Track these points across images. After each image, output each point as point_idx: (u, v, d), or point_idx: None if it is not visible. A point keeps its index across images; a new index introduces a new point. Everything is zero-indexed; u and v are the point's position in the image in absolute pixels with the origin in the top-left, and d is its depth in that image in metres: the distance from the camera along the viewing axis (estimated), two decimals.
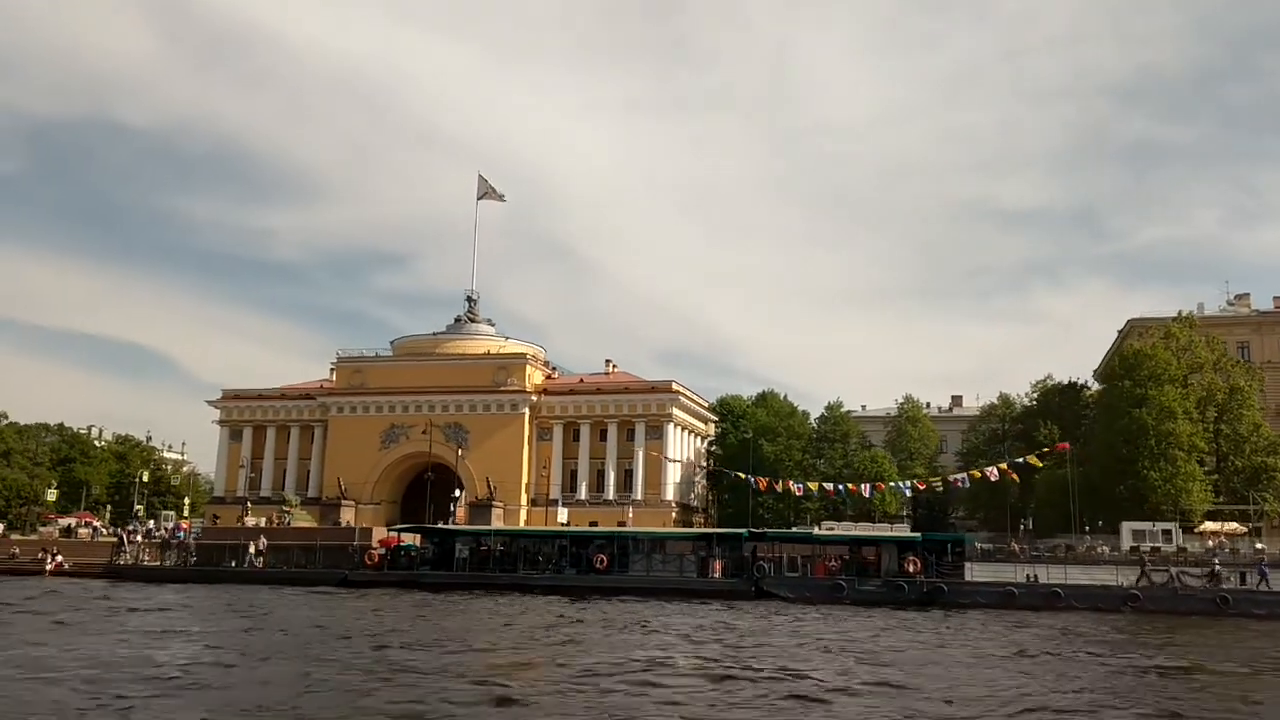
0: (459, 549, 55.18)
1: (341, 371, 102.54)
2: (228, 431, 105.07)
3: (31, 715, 16.89)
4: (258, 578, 54.68)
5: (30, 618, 34.31)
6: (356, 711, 17.87)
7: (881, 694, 20.58)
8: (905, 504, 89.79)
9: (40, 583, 52.56)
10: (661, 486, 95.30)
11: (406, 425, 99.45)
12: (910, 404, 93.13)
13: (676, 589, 48.88)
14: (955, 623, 37.30)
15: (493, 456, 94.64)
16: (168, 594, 45.98)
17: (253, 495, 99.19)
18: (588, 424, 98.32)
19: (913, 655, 27.17)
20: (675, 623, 35.01)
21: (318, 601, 43.33)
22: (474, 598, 45.63)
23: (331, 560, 56.48)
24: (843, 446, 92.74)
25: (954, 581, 46.25)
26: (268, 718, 17.36)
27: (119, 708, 17.68)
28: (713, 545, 51.56)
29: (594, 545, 53.71)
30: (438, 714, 17.64)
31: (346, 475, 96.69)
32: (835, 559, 49.14)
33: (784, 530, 54.68)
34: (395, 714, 17.73)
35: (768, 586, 47.83)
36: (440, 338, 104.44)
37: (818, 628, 34.36)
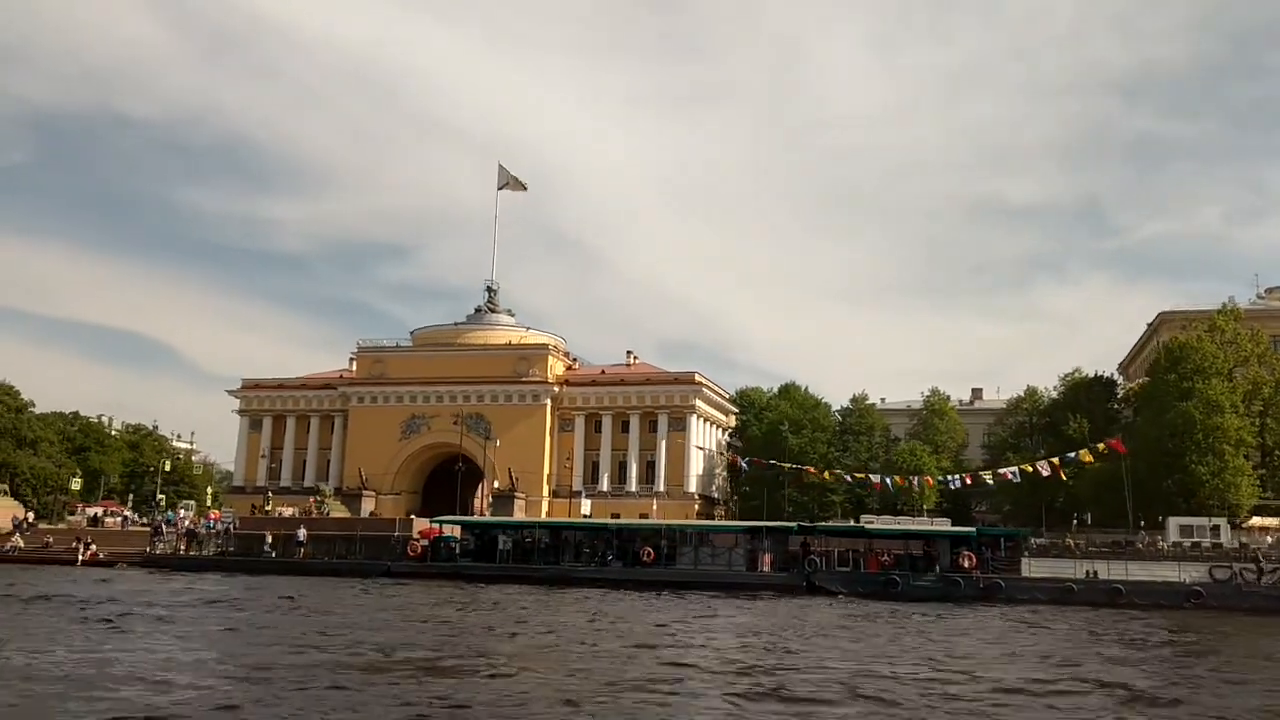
0: (502, 541, 54.71)
1: (362, 361, 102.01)
2: (247, 421, 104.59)
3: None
4: (300, 568, 54.21)
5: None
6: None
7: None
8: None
9: (86, 574, 51.94)
10: (684, 478, 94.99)
11: (427, 415, 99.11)
12: (936, 396, 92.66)
13: (725, 583, 48.46)
14: (1040, 619, 36.44)
15: (514, 447, 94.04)
16: (239, 585, 45.05)
17: (273, 485, 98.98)
18: (609, 415, 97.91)
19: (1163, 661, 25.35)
20: (759, 623, 33.14)
21: (403, 593, 42.57)
22: (533, 591, 44.97)
23: (372, 551, 56.03)
24: (868, 439, 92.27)
25: (1011, 577, 45.86)
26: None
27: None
28: (762, 538, 51.11)
29: (640, 538, 53.29)
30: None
31: (367, 465, 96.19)
32: (888, 554, 48.72)
33: (835, 524, 54.22)
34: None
35: (820, 581, 47.40)
36: (461, 328, 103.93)
37: (917, 626, 32.94)
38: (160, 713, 14.96)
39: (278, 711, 15.40)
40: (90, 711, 14.87)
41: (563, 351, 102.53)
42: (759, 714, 16.18)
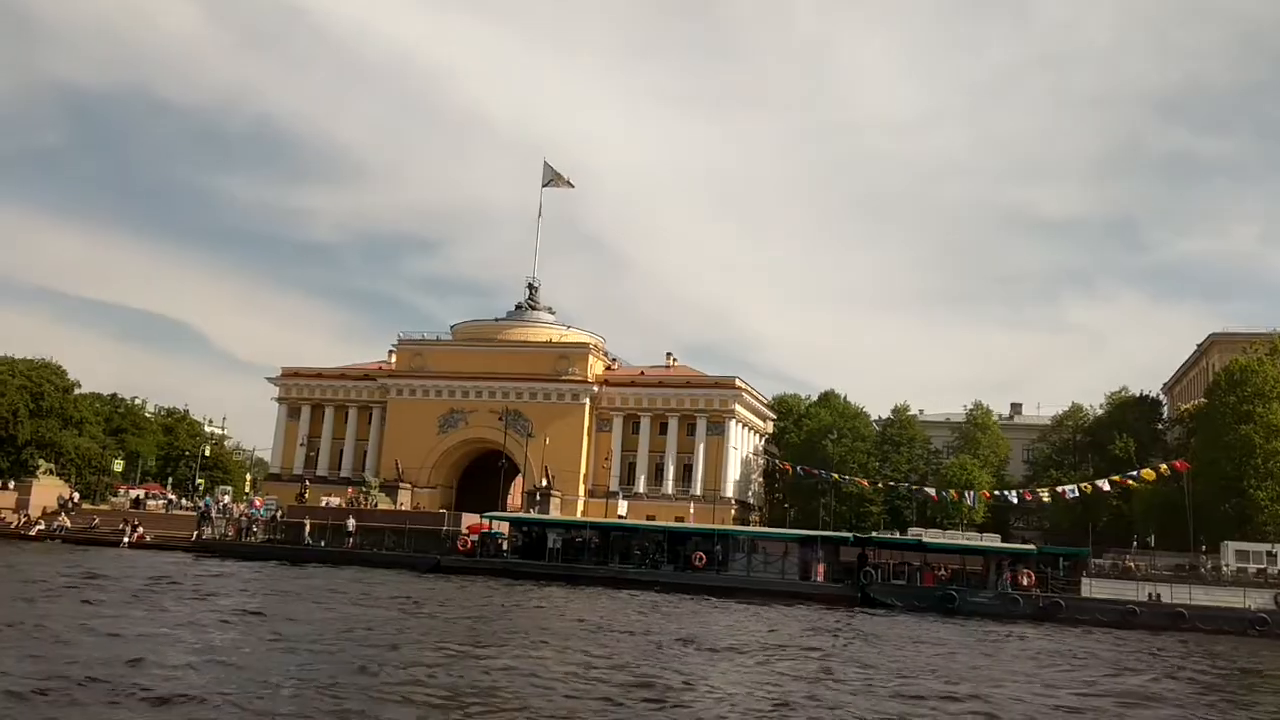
0: (551, 539, 54.63)
1: (402, 354, 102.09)
2: (285, 409, 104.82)
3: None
4: (350, 558, 54.28)
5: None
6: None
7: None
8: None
9: (137, 557, 52.11)
10: (721, 483, 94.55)
11: (466, 410, 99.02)
12: (980, 410, 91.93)
13: (778, 591, 48.20)
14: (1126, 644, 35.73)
15: (552, 446, 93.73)
16: (302, 576, 45.12)
17: (309, 474, 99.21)
18: (648, 417, 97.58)
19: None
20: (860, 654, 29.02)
21: (477, 590, 42.53)
22: (590, 591, 44.87)
23: (421, 544, 56.03)
24: (908, 450, 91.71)
25: (1071, 597, 45.34)
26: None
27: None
28: (816, 548, 50.77)
29: (692, 541, 53.06)
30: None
31: (403, 458, 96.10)
32: (944, 568, 48.28)
33: (891, 536, 53.84)
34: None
35: (875, 593, 47.06)
36: (501, 324, 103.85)
37: (1009, 647, 32.18)
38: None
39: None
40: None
41: (602, 351, 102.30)
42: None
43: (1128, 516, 72.55)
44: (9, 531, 63.77)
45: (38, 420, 73.67)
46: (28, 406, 72.96)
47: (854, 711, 18.33)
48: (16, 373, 74.30)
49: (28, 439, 72.84)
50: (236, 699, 15.52)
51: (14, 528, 64.38)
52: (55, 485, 70.79)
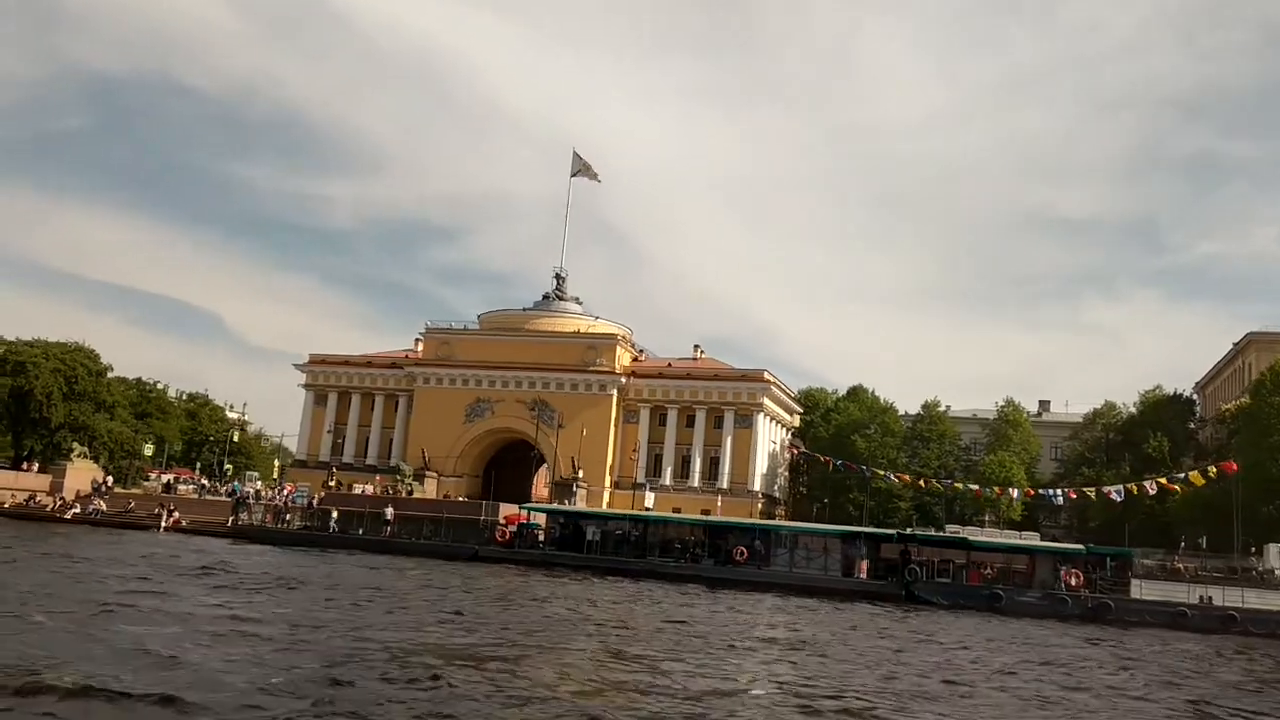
0: (590, 531, 54.41)
1: (429, 342, 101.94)
2: (313, 396, 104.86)
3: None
4: (388, 547, 54.16)
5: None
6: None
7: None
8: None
9: (179, 542, 52.04)
10: (749, 476, 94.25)
11: (492, 400, 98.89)
12: (1011, 407, 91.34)
13: (821, 587, 47.79)
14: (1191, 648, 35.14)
15: (578, 436, 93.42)
16: (356, 564, 44.88)
17: (336, 461, 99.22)
18: (675, 409, 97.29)
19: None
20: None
21: (524, 579, 42.29)
22: (643, 585, 44.47)
23: (458, 534, 55.89)
24: (938, 447, 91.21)
25: (1120, 598, 44.90)
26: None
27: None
28: (859, 544, 50.41)
29: (733, 536, 52.77)
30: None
31: (430, 446, 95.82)
32: (990, 567, 47.87)
33: (935, 534, 53.45)
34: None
35: (920, 591, 46.67)
36: (529, 313, 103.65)
37: (1089, 653, 31.08)
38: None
39: None
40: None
41: (630, 342, 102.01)
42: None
43: (1163, 517, 71.99)
44: (44, 514, 63.84)
45: (70, 403, 73.77)
46: (61, 390, 73.02)
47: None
48: (50, 356, 74.38)
49: (61, 422, 72.95)
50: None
51: (49, 510, 64.45)
52: (89, 469, 70.90)
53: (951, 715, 17.83)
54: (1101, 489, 58.48)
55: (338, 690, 15.06)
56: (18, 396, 72.47)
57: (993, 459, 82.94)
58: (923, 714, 17.59)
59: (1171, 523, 68.33)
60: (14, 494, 66.36)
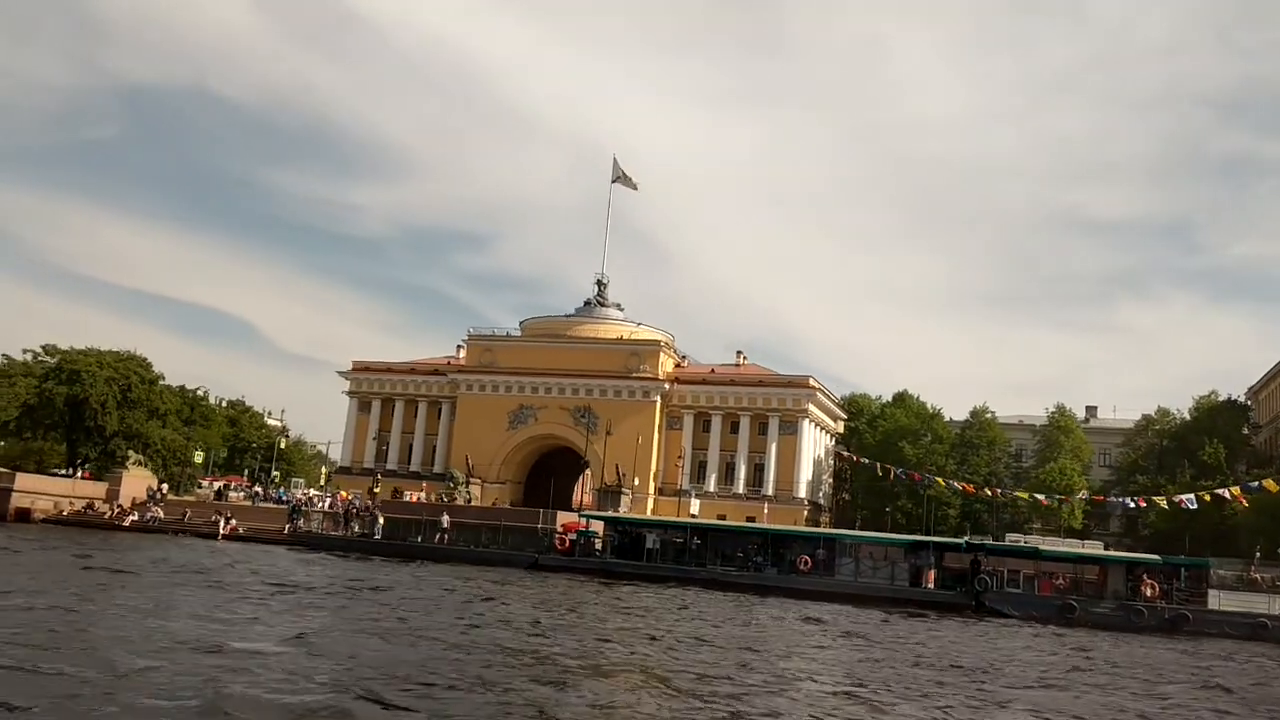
0: (650, 540, 54.09)
1: (471, 349, 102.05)
2: (356, 403, 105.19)
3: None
4: (446, 555, 54.02)
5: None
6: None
7: None
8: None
9: (245, 550, 52.09)
10: (794, 483, 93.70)
11: (536, 406, 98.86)
12: (1063, 414, 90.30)
13: (888, 597, 47.21)
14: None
15: (622, 443, 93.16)
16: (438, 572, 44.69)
17: (380, 467, 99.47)
18: (719, 415, 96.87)
19: None
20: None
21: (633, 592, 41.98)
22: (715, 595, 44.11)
23: (516, 542, 55.72)
24: (988, 453, 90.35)
25: (1197, 609, 44.14)
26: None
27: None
28: (927, 553, 49.81)
29: (796, 544, 52.32)
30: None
31: (473, 453, 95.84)
32: (1062, 577, 47.16)
33: (1006, 544, 52.74)
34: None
35: (991, 602, 46.05)
36: (571, 320, 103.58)
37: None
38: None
39: None
40: None
41: (672, 348, 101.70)
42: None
43: (1221, 525, 70.93)
44: (103, 522, 64.17)
45: (124, 411, 74.17)
46: (115, 398, 73.45)
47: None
48: (104, 364, 74.81)
49: (116, 430, 73.36)
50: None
51: (108, 518, 64.78)
52: (144, 476, 71.27)
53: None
54: (1173, 498, 57.72)
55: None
56: (73, 405, 72.94)
57: (1054, 466, 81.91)
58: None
59: (1230, 531, 67.33)
60: (72, 502, 66.73)
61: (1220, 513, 70.22)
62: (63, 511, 65.54)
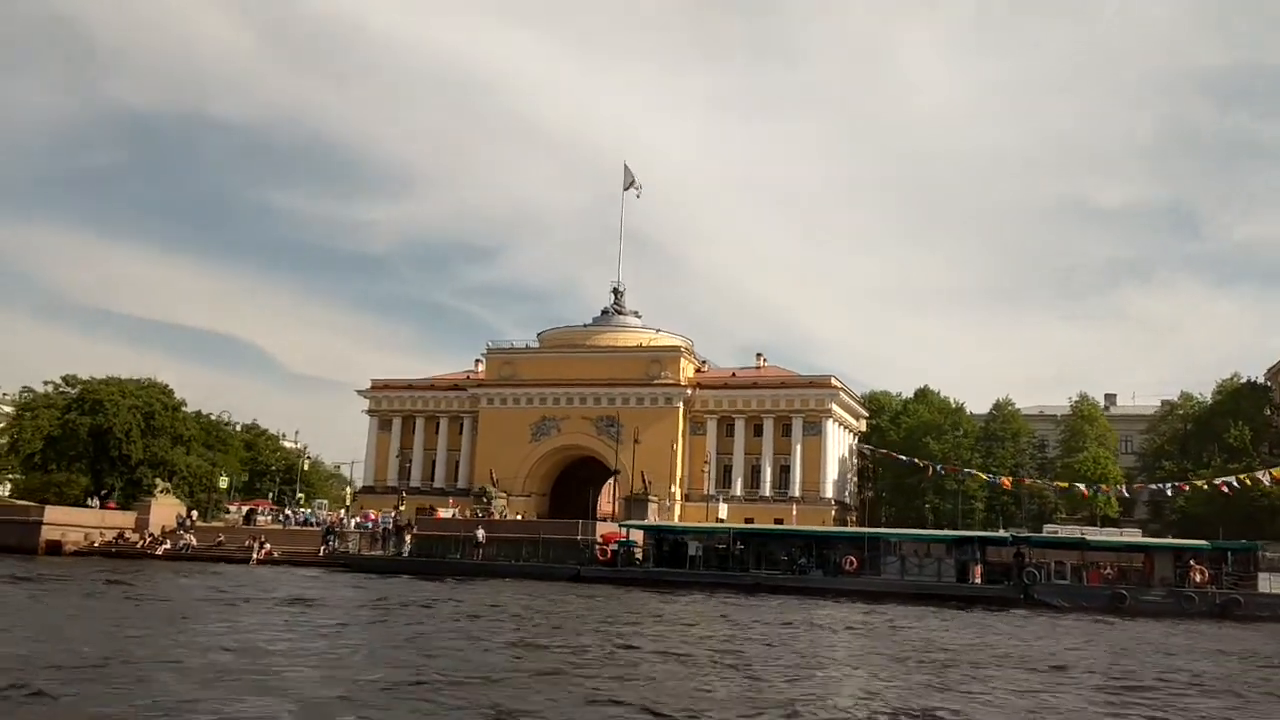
0: (693, 547, 53.94)
1: (491, 363, 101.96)
2: (377, 421, 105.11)
3: None
4: (488, 571, 53.83)
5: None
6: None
7: None
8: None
9: (281, 574, 51.94)
10: (821, 483, 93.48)
11: (558, 418, 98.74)
12: (1086, 402, 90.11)
13: (935, 594, 47.05)
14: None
15: (646, 450, 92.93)
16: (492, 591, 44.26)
17: (403, 485, 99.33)
18: (742, 419, 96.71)
19: None
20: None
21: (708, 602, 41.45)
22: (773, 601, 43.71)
23: (556, 554, 55.54)
24: (1013, 445, 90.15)
25: (1249, 593, 43.94)
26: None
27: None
28: (973, 548, 49.63)
29: (841, 545, 52.16)
30: None
31: (497, 467, 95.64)
32: (1110, 566, 46.97)
33: (1051, 535, 52.52)
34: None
35: (1039, 594, 45.85)
36: (590, 329, 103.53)
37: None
38: None
39: None
40: None
41: (692, 354, 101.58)
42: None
43: (1255, 507, 70.63)
44: (135, 551, 64.02)
45: (149, 439, 74.05)
46: (139, 426, 73.36)
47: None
48: (127, 393, 74.75)
49: (141, 458, 73.24)
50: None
51: (140, 547, 64.63)
52: (172, 504, 71.18)
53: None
54: (1212, 481, 57.52)
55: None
56: (97, 435, 72.81)
57: (1087, 455, 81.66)
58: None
59: (1261, 513, 67.10)
60: (102, 533, 66.59)
61: (1249, 495, 69.85)
62: (93, 543, 65.33)
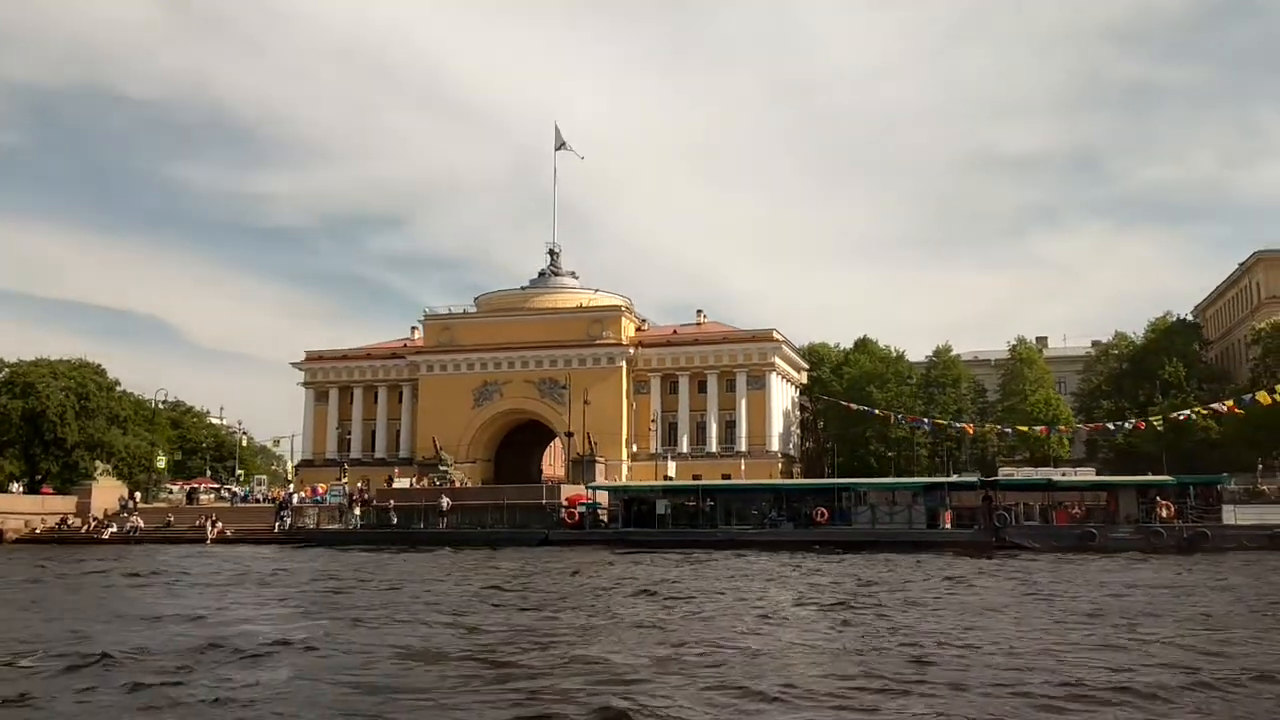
0: (660, 506, 53.69)
1: (430, 329, 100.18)
2: (313, 393, 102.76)
3: None
4: (457, 539, 52.97)
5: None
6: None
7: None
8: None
9: (240, 553, 50.41)
10: (766, 437, 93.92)
11: (500, 382, 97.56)
12: (1023, 346, 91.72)
13: (908, 541, 47.53)
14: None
15: (591, 411, 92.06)
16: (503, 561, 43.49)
17: (343, 457, 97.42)
18: (686, 376, 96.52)
19: None
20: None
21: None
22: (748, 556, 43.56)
23: (522, 520, 54.87)
24: (955, 391, 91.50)
25: (1214, 525, 45.13)
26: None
27: None
28: (944, 494, 50.17)
29: (810, 497, 52.34)
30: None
31: (439, 434, 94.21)
32: (1078, 506, 47.87)
33: (1018, 478, 53.21)
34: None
35: (1011, 537, 46.56)
36: (528, 292, 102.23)
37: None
38: None
39: None
40: None
41: (632, 312, 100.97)
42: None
43: (1190, 441, 72.79)
44: (79, 537, 61.76)
45: (84, 420, 71.22)
46: (74, 408, 70.48)
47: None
48: (59, 374, 71.73)
49: (77, 441, 70.43)
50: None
51: (85, 532, 62.36)
52: (114, 486, 68.90)
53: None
54: (1169, 415, 59.00)
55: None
56: (30, 418, 69.77)
57: (1039, 398, 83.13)
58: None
59: (1199, 448, 69.41)
60: (43, 519, 64.07)
61: (1184, 430, 71.51)
62: (35, 530, 62.94)
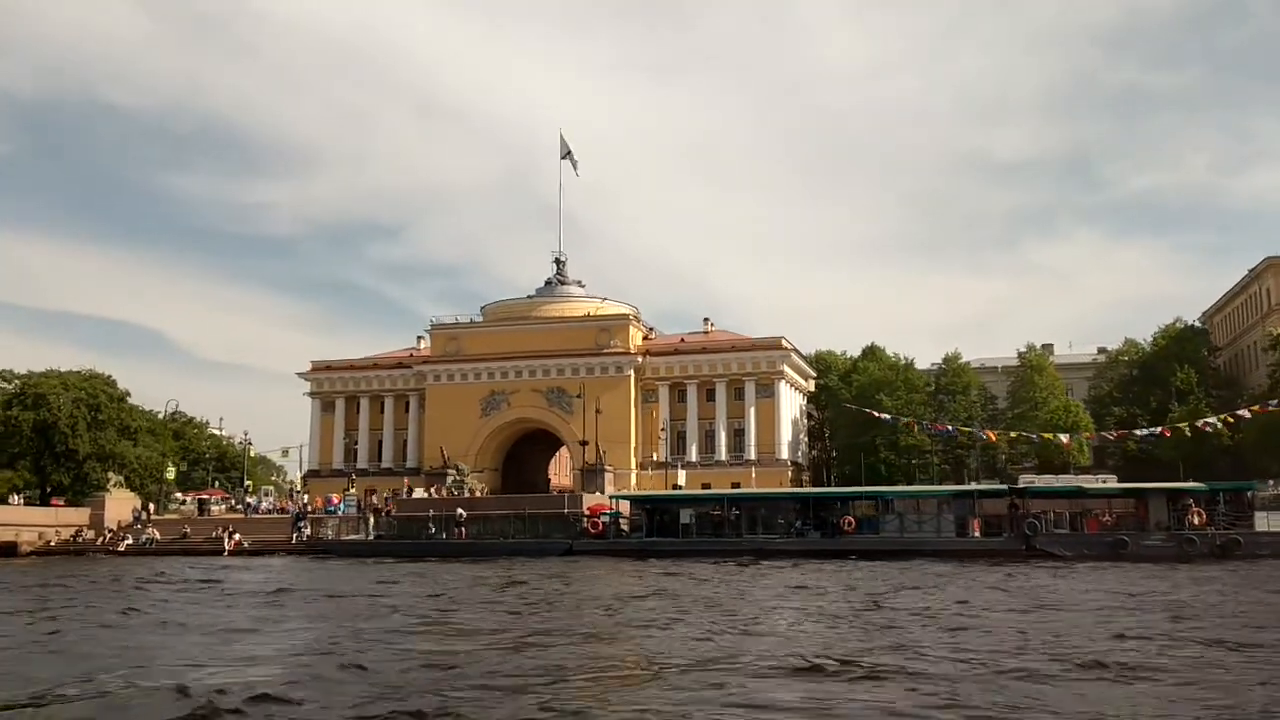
0: (685, 515, 53.34)
1: (436, 339, 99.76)
2: (319, 404, 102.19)
3: None
4: (473, 550, 52.53)
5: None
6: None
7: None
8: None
9: (262, 565, 49.94)
10: (775, 445, 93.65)
11: (507, 391, 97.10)
12: (1034, 353, 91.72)
13: (936, 550, 47.27)
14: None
15: (599, 420, 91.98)
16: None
17: (351, 467, 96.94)
18: (694, 384, 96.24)
19: None
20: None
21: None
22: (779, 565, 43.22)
23: (544, 529, 54.47)
24: (964, 399, 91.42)
25: (1247, 532, 45.01)
26: None
27: None
28: (973, 502, 49.94)
29: (837, 506, 52.06)
30: None
31: (446, 444, 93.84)
32: (1108, 513, 47.68)
33: (1048, 485, 53.02)
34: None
35: (1041, 544, 46.33)
36: (535, 300, 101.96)
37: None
38: None
39: None
40: None
41: (640, 321, 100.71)
42: None
43: (1230, 449, 72.55)
44: (94, 548, 61.24)
45: (95, 432, 70.69)
46: (85, 419, 69.94)
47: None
48: (69, 385, 71.18)
49: (89, 452, 69.88)
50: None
51: (100, 544, 61.79)
52: (126, 498, 68.36)
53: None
54: (1195, 424, 58.93)
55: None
56: (41, 430, 69.21)
57: (1058, 405, 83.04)
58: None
59: (1214, 455, 69.32)
60: (58, 531, 63.46)
61: (1201, 436, 71.43)
62: (50, 542, 62.32)
